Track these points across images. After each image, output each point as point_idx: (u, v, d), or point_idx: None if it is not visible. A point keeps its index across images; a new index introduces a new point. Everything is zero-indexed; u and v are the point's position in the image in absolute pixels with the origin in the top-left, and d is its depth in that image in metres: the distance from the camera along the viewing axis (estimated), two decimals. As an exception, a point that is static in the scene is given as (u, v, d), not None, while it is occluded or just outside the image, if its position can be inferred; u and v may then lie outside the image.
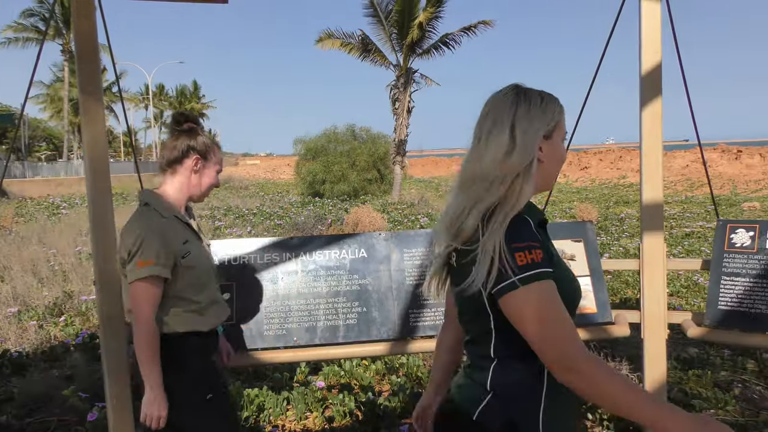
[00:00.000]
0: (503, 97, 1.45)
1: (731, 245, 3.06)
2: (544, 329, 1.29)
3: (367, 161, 25.03)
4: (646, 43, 2.92)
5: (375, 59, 22.79)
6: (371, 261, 3.03)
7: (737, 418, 3.60)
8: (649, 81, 2.93)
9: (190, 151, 2.26)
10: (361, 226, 11.96)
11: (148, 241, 2.08)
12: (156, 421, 2.08)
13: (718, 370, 4.40)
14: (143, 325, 2.07)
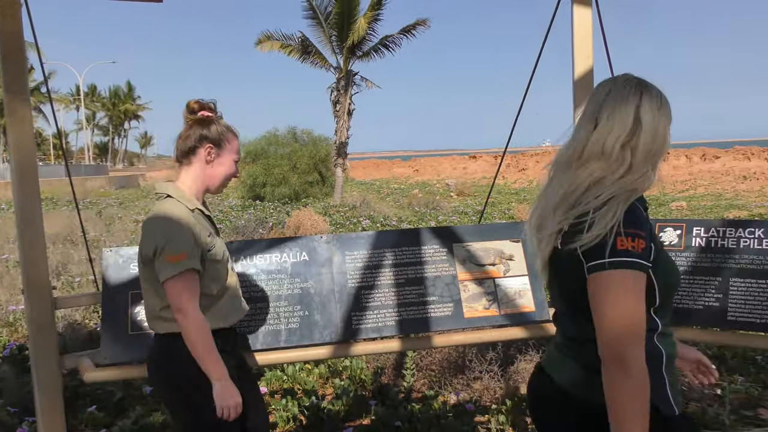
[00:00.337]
0: (624, 83, 1.50)
1: (661, 244, 3.18)
2: (615, 316, 1.31)
3: (308, 164, 24.89)
4: (578, 48, 3.01)
5: (315, 61, 22.70)
6: (313, 264, 3.01)
7: (668, 409, 3.75)
8: (582, 85, 3.02)
9: (203, 141, 2.18)
10: (302, 230, 11.87)
11: (178, 234, 2.00)
12: (234, 410, 2.00)
13: (650, 363, 4.56)
14: (193, 320, 1.98)
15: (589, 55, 3.01)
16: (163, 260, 1.97)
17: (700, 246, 3.08)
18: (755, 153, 33.45)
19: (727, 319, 2.93)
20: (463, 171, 45.07)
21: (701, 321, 2.99)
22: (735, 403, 3.85)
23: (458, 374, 4.29)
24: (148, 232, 2.04)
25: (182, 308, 1.98)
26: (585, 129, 1.50)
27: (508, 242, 3.26)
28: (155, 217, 2.04)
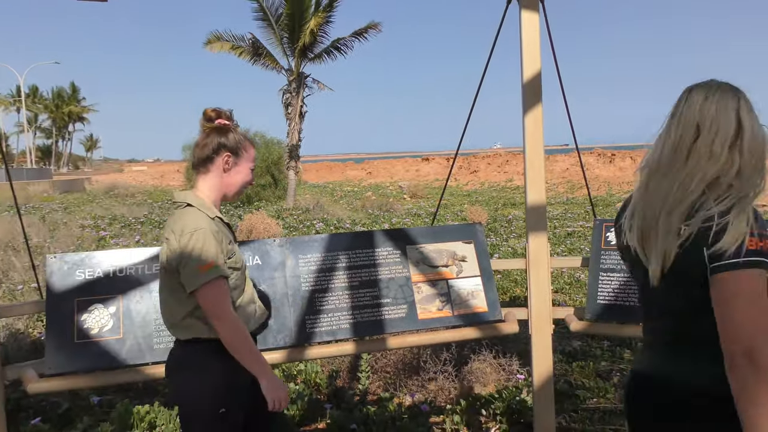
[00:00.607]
0: (719, 87, 1.55)
1: (607, 243, 3.28)
2: (748, 314, 1.33)
3: (260, 167, 24.62)
4: (526, 52, 3.06)
5: (266, 63, 22.48)
6: (266, 268, 2.99)
7: (616, 404, 3.85)
8: (530, 88, 3.08)
9: (221, 149, 2.18)
10: (255, 233, 11.74)
11: (204, 242, 2.00)
12: (284, 401, 2.06)
13: (599, 360, 4.68)
14: (231, 325, 2.01)
15: (536, 59, 3.07)
16: (193, 270, 1.97)
17: (644, 245, 3.18)
18: (696, 155, 34.62)
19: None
20: (416, 173, 45.35)
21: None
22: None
23: (413, 375, 4.31)
24: (173, 242, 2.03)
25: (219, 315, 1.99)
26: (685, 133, 1.54)
27: (461, 243, 3.29)
28: (180, 227, 2.04)
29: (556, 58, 3.32)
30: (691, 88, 1.60)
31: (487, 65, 3.43)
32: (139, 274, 2.81)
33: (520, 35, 3.08)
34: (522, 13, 3.05)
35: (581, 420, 3.59)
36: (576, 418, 3.62)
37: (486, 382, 4.13)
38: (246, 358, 2.04)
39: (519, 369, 4.26)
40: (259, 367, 2.05)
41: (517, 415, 3.64)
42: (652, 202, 1.57)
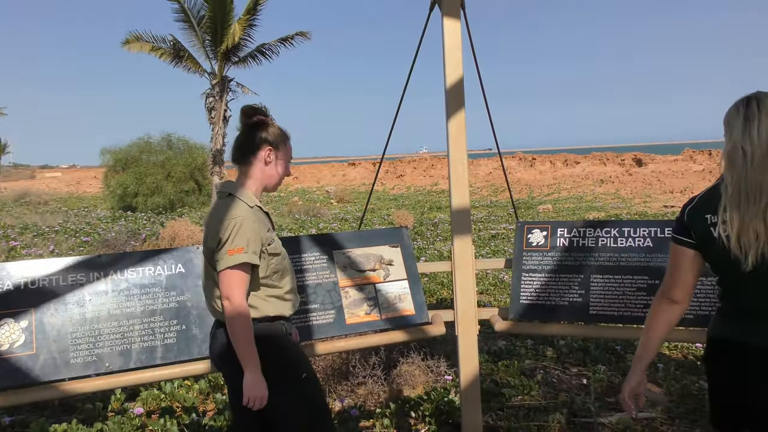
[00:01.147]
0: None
1: (529, 244, 3.38)
2: None
3: (183, 172, 24.00)
4: (449, 59, 3.12)
5: (188, 66, 21.91)
6: (190, 276, 2.91)
7: (540, 401, 3.97)
8: (453, 94, 3.13)
9: (263, 143, 2.33)
10: (178, 240, 11.43)
11: (239, 229, 2.15)
12: (259, 401, 2.16)
13: (523, 359, 4.81)
14: (238, 309, 2.13)
15: (458, 65, 3.13)
16: (224, 253, 2.14)
17: (564, 246, 3.30)
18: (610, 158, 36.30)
19: (589, 313, 3.16)
20: (343, 178, 45.35)
21: (567, 316, 3.20)
22: (599, 391, 4.14)
23: (342, 381, 4.30)
24: (213, 227, 2.20)
25: (230, 296, 2.14)
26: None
27: (388, 247, 3.32)
28: (222, 213, 2.20)
29: (477, 64, 3.40)
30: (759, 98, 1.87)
31: (411, 70, 3.48)
32: (54, 285, 2.69)
33: (443, 42, 3.13)
34: (444, 20, 3.11)
35: (507, 418, 3.68)
36: (502, 416, 3.70)
37: (415, 384, 4.17)
38: (243, 345, 2.14)
39: (447, 370, 4.32)
40: (249, 361, 2.15)
41: (446, 415, 3.69)
42: (754, 195, 1.81)
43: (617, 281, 3.15)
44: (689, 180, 26.31)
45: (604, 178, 30.36)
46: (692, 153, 34.30)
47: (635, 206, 19.94)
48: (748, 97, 1.89)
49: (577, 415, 3.75)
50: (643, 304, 3.07)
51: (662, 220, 3.24)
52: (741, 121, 1.86)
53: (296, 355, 2.38)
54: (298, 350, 2.42)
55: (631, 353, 4.84)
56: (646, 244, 3.16)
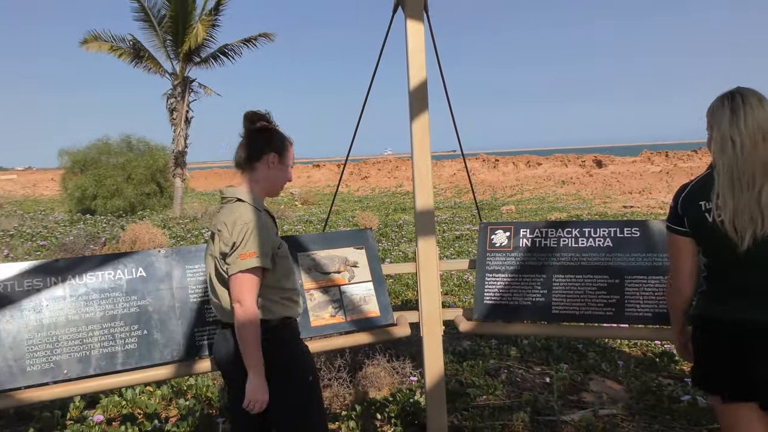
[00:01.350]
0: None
1: (492, 245, 3.41)
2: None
3: (144, 174, 23.56)
4: (412, 61, 3.13)
5: (149, 66, 21.56)
6: (151, 280, 2.86)
7: (504, 400, 4.01)
8: (417, 96, 3.15)
9: (267, 149, 2.36)
10: (139, 244, 11.23)
11: (251, 234, 2.19)
12: (260, 405, 2.20)
13: (487, 359, 4.86)
14: (248, 313, 2.17)
15: (422, 67, 3.14)
16: (236, 257, 2.17)
17: (526, 246, 3.34)
18: (571, 160, 36.92)
19: (552, 312, 3.20)
20: (307, 179, 45.15)
21: (530, 315, 3.24)
22: (562, 389, 4.20)
23: (307, 383, 4.27)
24: (224, 231, 2.22)
25: (241, 300, 2.17)
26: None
27: (352, 249, 3.31)
28: (233, 217, 2.23)
29: (440, 66, 3.42)
30: (742, 92, 2.04)
31: (375, 72, 3.48)
32: (9, 291, 2.62)
33: (406, 44, 3.14)
34: (407, 22, 3.12)
35: (472, 417, 3.70)
36: (467, 416, 3.73)
37: (380, 386, 4.17)
38: (250, 348, 2.18)
39: (412, 371, 4.34)
40: (254, 363, 2.19)
41: (411, 416, 3.70)
42: (746, 181, 1.96)
43: (578, 281, 3.20)
44: (647, 181, 26.92)
45: (566, 179, 30.86)
46: (650, 154, 35.11)
47: (596, 207, 20.32)
48: (732, 92, 2.06)
49: (540, 413, 3.80)
50: (603, 303, 3.13)
51: (621, 221, 3.31)
52: (728, 113, 2.02)
53: (305, 358, 2.42)
54: (307, 353, 2.46)
55: (593, 351, 4.93)
56: (606, 244, 3.22)
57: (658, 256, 3.12)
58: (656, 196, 22.86)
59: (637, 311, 3.08)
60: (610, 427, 3.56)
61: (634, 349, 5.06)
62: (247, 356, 2.19)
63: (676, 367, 4.60)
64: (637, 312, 3.08)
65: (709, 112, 2.13)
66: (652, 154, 35.20)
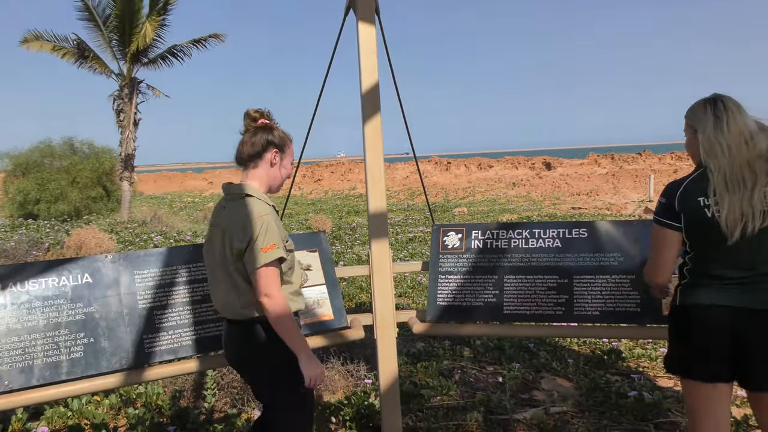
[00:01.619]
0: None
1: (445, 247, 3.44)
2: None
3: (90, 177, 22.89)
4: (364, 64, 3.14)
5: (94, 67, 20.98)
6: (97, 286, 2.79)
7: (458, 401, 4.05)
8: (369, 99, 3.15)
9: (269, 146, 2.41)
10: (85, 249, 10.90)
11: (267, 227, 2.23)
12: (319, 378, 2.28)
13: (441, 360, 4.89)
14: (281, 303, 2.22)
15: (374, 70, 3.15)
16: (257, 250, 2.20)
17: (478, 248, 3.38)
18: (521, 162, 37.60)
19: (503, 312, 3.25)
20: (260, 182, 44.66)
21: (482, 316, 3.28)
22: (514, 388, 4.26)
23: (261, 389, 4.22)
24: (238, 227, 2.24)
25: (270, 293, 2.20)
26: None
27: (306, 252, 3.29)
28: (245, 213, 2.26)
29: (392, 69, 3.44)
30: (723, 99, 2.24)
31: (327, 74, 3.47)
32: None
33: (358, 47, 3.14)
34: (359, 24, 3.12)
35: (426, 418, 3.72)
36: (422, 417, 3.75)
37: (335, 389, 4.15)
38: (292, 335, 2.25)
39: (366, 374, 4.34)
40: (300, 344, 2.26)
41: (366, 419, 3.70)
42: (737, 181, 2.15)
43: (529, 281, 3.26)
44: (594, 183, 27.60)
45: (516, 181, 31.39)
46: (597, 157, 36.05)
47: (545, 208, 20.72)
48: (713, 98, 2.26)
49: (493, 412, 3.85)
50: (553, 302, 3.20)
51: (570, 222, 3.38)
52: (712, 119, 2.21)
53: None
54: None
55: (544, 350, 5.02)
56: (555, 244, 3.29)
57: (605, 256, 3.20)
58: (603, 198, 23.46)
59: (585, 310, 3.15)
60: (561, 424, 3.64)
61: (583, 347, 5.18)
62: (292, 343, 2.26)
63: (623, 364, 4.73)
64: (586, 311, 3.15)
65: (690, 116, 2.32)
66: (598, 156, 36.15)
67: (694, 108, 2.32)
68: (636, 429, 3.57)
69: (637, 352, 4.93)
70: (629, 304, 3.12)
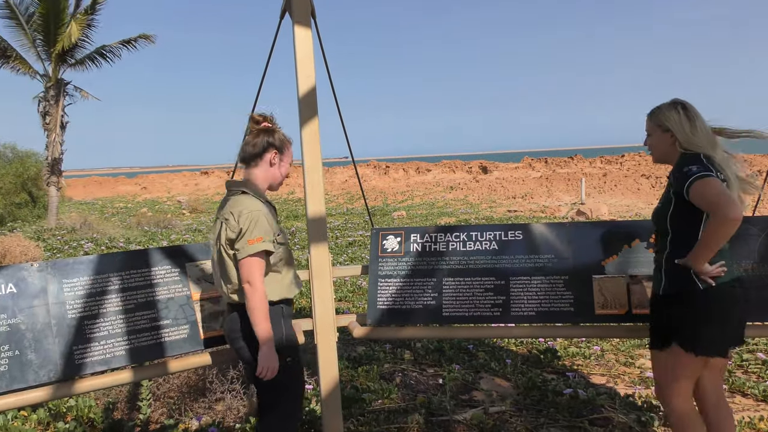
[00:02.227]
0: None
1: (384, 250, 3.45)
2: None
3: (13, 183, 21.92)
4: (300, 67, 3.11)
5: (17, 67, 20.06)
6: (22, 296, 2.67)
7: (399, 403, 4.07)
8: (306, 102, 3.13)
9: (269, 147, 2.64)
10: (10, 257, 10.42)
11: (257, 221, 2.45)
12: (271, 371, 2.46)
13: (382, 363, 4.91)
14: (259, 292, 2.44)
15: (311, 74, 3.13)
16: (244, 242, 2.43)
17: (417, 251, 3.41)
18: (458, 166, 38.16)
19: (443, 314, 3.29)
20: (196, 187, 43.75)
21: (422, 319, 3.31)
22: (454, 389, 4.32)
23: (199, 398, 4.13)
24: (231, 219, 2.47)
25: (251, 281, 2.43)
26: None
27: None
28: (238, 207, 2.48)
29: (329, 73, 3.43)
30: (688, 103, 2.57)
31: (263, 77, 3.43)
32: None
33: (294, 50, 3.12)
34: (295, 28, 3.10)
35: (368, 422, 3.73)
36: (363, 421, 3.75)
37: (275, 396, 4.09)
38: (261, 323, 2.44)
39: (307, 379, 4.30)
40: (267, 335, 2.45)
41: (308, 425, 3.67)
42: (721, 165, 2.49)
43: (467, 283, 3.31)
44: (529, 186, 28.27)
45: (454, 184, 31.81)
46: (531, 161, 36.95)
47: (482, 211, 21.09)
48: (680, 102, 2.57)
49: (434, 414, 3.89)
50: (491, 303, 3.25)
51: (506, 224, 3.45)
52: (686, 120, 2.51)
53: (287, 339, 2.60)
54: (290, 335, 2.63)
55: (482, 351, 5.10)
56: (492, 247, 3.35)
57: (539, 257, 3.28)
58: (537, 200, 24.06)
59: (522, 311, 3.22)
60: (500, 423, 3.70)
61: (521, 347, 5.30)
62: (258, 330, 2.44)
63: (558, 363, 4.86)
64: (522, 311, 3.22)
65: (660, 117, 2.58)
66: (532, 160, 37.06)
67: (663, 110, 2.57)
68: (571, 426, 3.67)
69: (572, 350, 5.08)
70: (563, 303, 3.21)
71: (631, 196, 22.64)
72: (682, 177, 2.43)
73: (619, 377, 4.59)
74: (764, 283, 3.03)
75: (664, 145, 2.60)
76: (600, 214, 16.58)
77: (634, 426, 3.60)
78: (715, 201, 2.30)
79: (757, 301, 2.98)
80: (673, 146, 2.57)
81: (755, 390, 4.10)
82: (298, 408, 2.73)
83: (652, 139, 2.64)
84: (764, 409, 3.90)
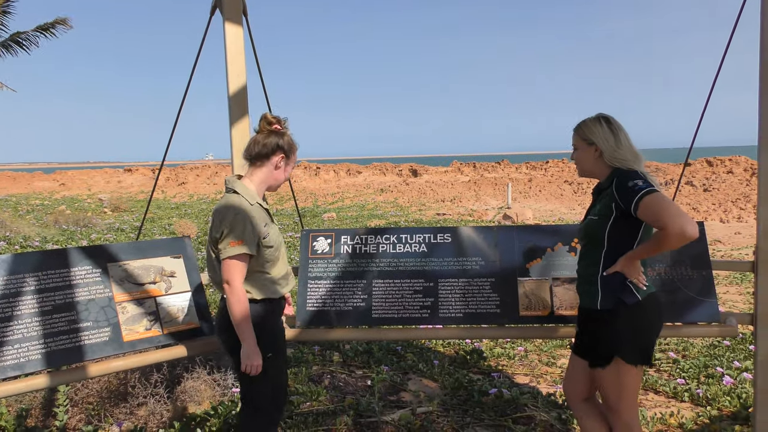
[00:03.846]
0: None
1: (314, 252, 3.44)
2: None
3: None
4: (231, 66, 3.07)
5: (-76, 54, 18.85)
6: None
7: (328, 405, 4.06)
8: (236, 101, 3.09)
9: (277, 149, 2.63)
10: None
11: (239, 223, 2.45)
12: (255, 369, 2.52)
13: (311, 365, 4.88)
14: (237, 292, 2.48)
15: (242, 73, 3.10)
16: (225, 243, 2.46)
17: (347, 252, 3.42)
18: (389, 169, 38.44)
19: (372, 316, 3.31)
20: (118, 185, 42.21)
21: (351, 321, 3.32)
22: (382, 390, 4.34)
23: (120, 403, 3.99)
24: (216, 219, 2.50)
25: (230, 281, 2.47)
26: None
27: (169, 258, 3.17)
28: (226, 207, 2.50)
29: (261, 71, 3.39)
30: (612, 118, 2.59)
31: (192, 75, 3.36)
32: None
33: (225, 48, 3.07)
34: (225, 25, 3.05)
35: (296, 425, 3.70)
36: (291, 424, 3.72)
37: (201, 399, 4.01)
38: (240, 323, 2.48)
39: (234, 383, 4.23)
40: (248, 334, 2.50)
41: (234, 429, 3.61)
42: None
43: (397, 285, 3.34)
44: (458, 189, 28.78)
45: (384, 187, 32.01)
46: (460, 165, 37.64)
47: (412, 214, 21.30)
48: (604, 117, 2.59)
49: (362, 415, 3.90)
50: (419, 305, 3.30)
51: (435, 227, 3.51)
52: (610, 133, 2.54)
53: (269, 335, 2.63)
54: (272, 332, 2.67)
55: (411, 352, 5.16)
56: (421, 249, 3.40)
57: (467, 260, 3.35)
58: (466, 204, 24.52)
59: (449, 312, 3.28)
60: (427, 423, 3.75)
61: (448, 348, 5.38)
62: (239, 328, 2.49)
63: (484, 363, 4.97)
64: (450, 313, 3.28)
65: (587, 131, 2.60)
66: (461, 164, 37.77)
67: (588, 125, 2.60)
68: (496, 424, 3.76)
69: (497, 351, 5.20)
70: (489, 305, 3.29)
71: (554, 201, 23.41)
72: (629, 192, 2.39)
73: (541, 377, 4.73)
74: (675, 286, 3.20)
75: (589, 158, 2.60)
76: (525, 218, 17.05)
77: (555, 423, 3.72)
78: (670, 216, 2.27)
79: (668, 303, 3.15)
80: (598, 160, 2.58)
81: (666, 387, 4.32)
82: (277, 402, 2.75)
83: (578, 153, 2.65)
84: (674, 405, 4.11)
